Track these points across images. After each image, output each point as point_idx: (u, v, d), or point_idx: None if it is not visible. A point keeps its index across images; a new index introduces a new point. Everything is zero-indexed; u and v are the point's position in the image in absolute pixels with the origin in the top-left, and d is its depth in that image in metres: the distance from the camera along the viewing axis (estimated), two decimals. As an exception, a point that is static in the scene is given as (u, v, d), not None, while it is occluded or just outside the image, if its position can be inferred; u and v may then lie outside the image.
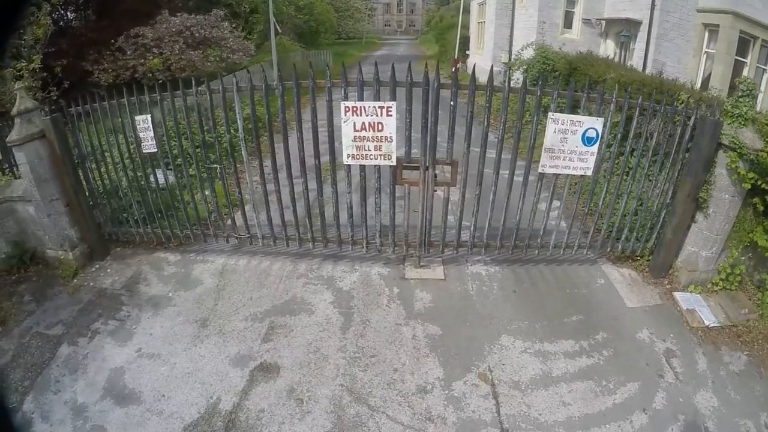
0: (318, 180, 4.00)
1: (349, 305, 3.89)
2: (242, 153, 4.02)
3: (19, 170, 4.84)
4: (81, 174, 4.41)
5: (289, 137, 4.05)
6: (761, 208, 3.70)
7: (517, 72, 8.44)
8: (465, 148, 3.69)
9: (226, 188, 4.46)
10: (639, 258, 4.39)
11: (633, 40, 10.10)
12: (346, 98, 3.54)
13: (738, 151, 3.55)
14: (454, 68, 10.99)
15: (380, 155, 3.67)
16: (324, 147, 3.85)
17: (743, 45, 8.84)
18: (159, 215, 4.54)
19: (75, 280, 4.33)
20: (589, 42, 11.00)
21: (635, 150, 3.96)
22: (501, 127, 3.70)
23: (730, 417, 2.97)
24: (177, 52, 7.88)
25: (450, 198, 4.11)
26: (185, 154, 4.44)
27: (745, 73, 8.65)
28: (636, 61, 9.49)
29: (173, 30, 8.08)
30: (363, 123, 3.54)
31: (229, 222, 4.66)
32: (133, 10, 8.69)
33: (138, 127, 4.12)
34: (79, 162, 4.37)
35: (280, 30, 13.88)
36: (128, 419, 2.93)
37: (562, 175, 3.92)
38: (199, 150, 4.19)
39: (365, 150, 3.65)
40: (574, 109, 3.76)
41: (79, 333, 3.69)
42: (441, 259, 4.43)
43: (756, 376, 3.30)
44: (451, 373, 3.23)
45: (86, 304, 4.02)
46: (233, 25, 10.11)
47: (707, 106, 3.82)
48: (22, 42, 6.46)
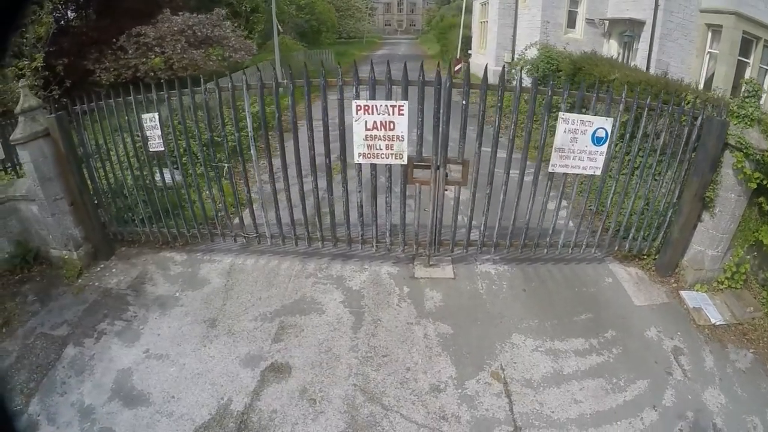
0: (328, 178, 3.98)
1: (359, 305, 3.88)
2: (251, 151, 4.00)
3: (22, 169, 4.79)
4: (86, 173, 4.36)
5: (298, 135, 4.03)
6: (767, 207, 3.75)
7: (522, 71, 8.46)
8: (477, 147, 3.69)
9: (235, 187, 4.43)
10: (645, 257, 4.42)
11: (636, 40, 10.08)
12: (357, 97, 3.53)
13: (744, 151, 3.59)
14: (456, 67, 11.01)
15: (391, 154, 3.66)
16: (334, 145, 3.84)
17: (746, 45, 8.84)
18: (165, 214, 4.50)
19: (79, 280, 4.28)
20: (592, 42, 11.00)
21: (643, 150, 3.99)
22: (512, 127, 3.71)
23: (737, 414, 2.99)
24: (179, 51, 7.82)
25: (459, 197, 4.10)
26: (192, 152, 4.40)
27: (747, 74, 8.67)
28: (639, 61, 9.49)
29: (175, 29, 8.03)
30: (375, 122, 3.54)
31: (236, 221, 4.62)
32: (134, 9, 8.63)
33: (145, 125, 4.08)
34: (83, 160, 4.32)
35: (281, 29, 13.85)
36: (137, 421, 2.89)
37: (570, 174, 3.95)
38: (207, 149, 4.16)
39: (376, 149, 3.64)
40: (581, 109, 3.78)
41: (85, 333, 3.64)
42: (450, 258, 4.43)
43: (762, 374, 3.33)
44: (463, 371, 3.23)
45: (91, 305, 3.97)
46: (235, 24, 10.07)
47: (712, 106, 3.87)
48: (24, 40, 6.39)
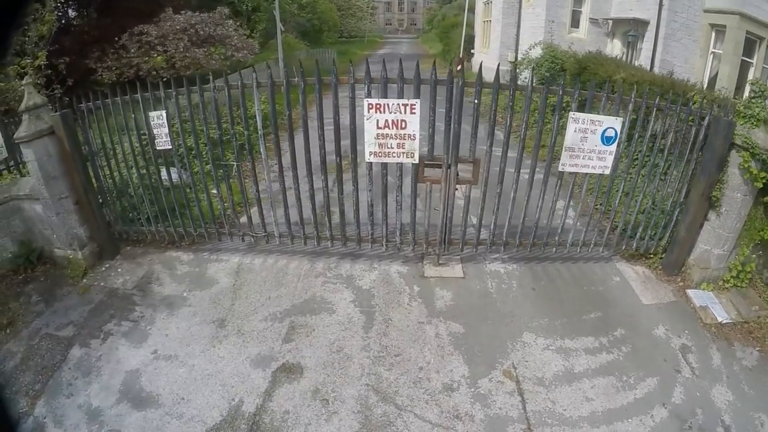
0: (339, 177, 3.96)
1: (370, 304, 3.87)
2: (261, 149, 3.97)
3: (25, 168, 4.72)
4: (90, 171, 4.31)
5: (309, 133, 4.00)
6: (773, 206, 3.79)
7: (526, 71, 8.48)
8: (488, 146, 3.70)
9: (243, 186, 4.39)
10: (652, 256, 4.44)
11: (640, 40, 10.09)
12: (369, 95, 3.53)
13: (750, 150, 3.62)
14: (459, 67, 10.99)
15: (403, 153, 3.65)
16: (344, 143, 3.82)
17: (750, 45, 8.87)
18: (171, 213, 4.46)
19: (84, 280, 4.22)
20: (596, 41, 11.00)
21: (651, 149, 4.03)
22: (523, 126, 3.72)
23: (745, 411, 3.02)
24: (181, 49, 7.78)
25: (470, 196, 4.10)
26: (201, 151, 4.36)
27: (751, 74, 8.74)
28: (643, 61, 9.50)
29: (177, 28, 7.98)
30: (386, 120, 3.53)
31: (244, 220, 4.59)
32: (136, 8, 8.58)
33: (152, 123, 4.04)
34: (89, 159, 4.27)
35: (283, 28, 13.81)
36: (147, 423, 2.85)
37: (579, 174, 3.96)
38: (216, 147, 4.12)
39: (388, 147, 3.63)
40: (587, 109, 3.80)
41: (91, 334, 3.59)
42: (459, 257, 4.43)
43: (768, 371, 3.37)
44: (475, 370, 3.23)
45: (97, 305, 3.92)
46: (237, 24, 10.04)
47: (718, 106, 3.91)
48: (27, 39, 6.32)
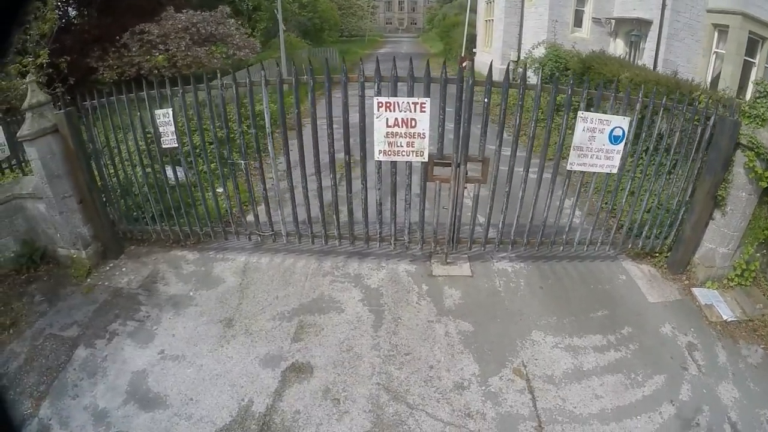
0: (348, 175, 3.95)
1: (378, 303, 3.86)
2: (269, 148, 3.95)
3: (27, 166, 4.67)
4: (95, 170, 4.27)
5: (317, 131, 3.97)
6: (777, 205, 3.83)
7: (529, 70, 8.48)
8: (497, 146, 3.71)
9: (250, 184, 4.37)
10: (658, 254, 4.47)
11: (643, 40, 10.11)
12: (379, 93, 3.52)
13: (756, 150, 3.65)
14: (461, 66, 10.99)
15: (412, 151, 3.65)
16: (353, 141, 3.81)
17: (752, 45, 8.93)
18: (176, 212, 4.42)
19: (88, 280, 4.18)
20: (598, 41, 11.03)
21: (657, 149, 4.05)
22: (532, 125, 3.73)
23: (751, 408, 3.04)
24: (183, 48, 7.73)
25: (479, 195, 4.10)
26: (207, 149, 4.33)
27: (754, 74, 8.80)
28: (646, 61, 9.52)
29: (179, 26, 7.94)
30: (396, 119, 3.53)
31: (250, 219, 4.56)
32: (137, 7, 8.53)
33: (158, 121, 4.00)
34: (92, 157, 4.23)
35: (284, 27, 13.78)
36: (155, 424, 2.81)
37: (586, 173, 3.98)
38: (223, 145, 4.09)
39: (397, 146, 3.63)
40: (594, 107, 3.81)
41: (96, 334, 3.55)
42: (467, 255, 4.43)
43: (773, 369, 3.40)
44: (486, 368, 3.23)
45: (102, 305, 3.88)
46: (238, 23, 10.01)
47: (723, 106, 3.94)
48: (28, 37, 6.25)
